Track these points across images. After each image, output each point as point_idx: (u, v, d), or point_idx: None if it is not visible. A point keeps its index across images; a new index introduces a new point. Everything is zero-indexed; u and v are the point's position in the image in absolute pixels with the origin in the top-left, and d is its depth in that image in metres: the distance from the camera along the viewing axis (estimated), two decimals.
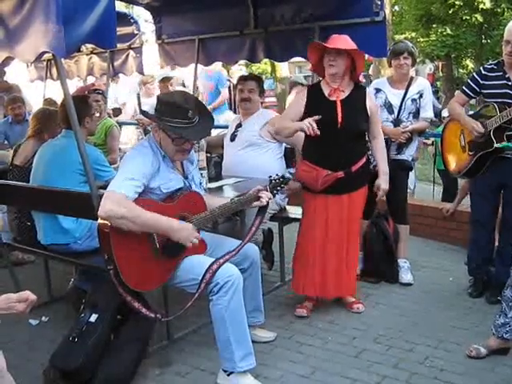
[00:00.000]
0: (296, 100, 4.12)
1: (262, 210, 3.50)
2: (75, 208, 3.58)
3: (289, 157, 4.82)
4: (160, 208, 3.07)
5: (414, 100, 4.58)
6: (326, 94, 3.92)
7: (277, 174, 3.63)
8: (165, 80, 7.51)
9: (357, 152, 3.96)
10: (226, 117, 7.83)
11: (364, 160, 4.01)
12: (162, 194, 3.18)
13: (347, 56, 3.82)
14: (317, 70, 4.12)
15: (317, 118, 3.69)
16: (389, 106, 4.60)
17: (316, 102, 3.94)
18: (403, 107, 4.57)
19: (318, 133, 3.67)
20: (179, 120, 3.12)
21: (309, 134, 3.71)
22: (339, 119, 3.83)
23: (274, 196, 3.51)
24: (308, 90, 4.08)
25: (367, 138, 4.12)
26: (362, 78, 6.88)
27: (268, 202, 3.45)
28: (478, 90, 4.16)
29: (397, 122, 4.57)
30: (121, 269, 2.95)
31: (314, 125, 3.68)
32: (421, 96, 4.60)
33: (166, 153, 3.21)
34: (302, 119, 3.89)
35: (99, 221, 2.99)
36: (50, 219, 3.83)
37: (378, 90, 4.69)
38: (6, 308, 2.34)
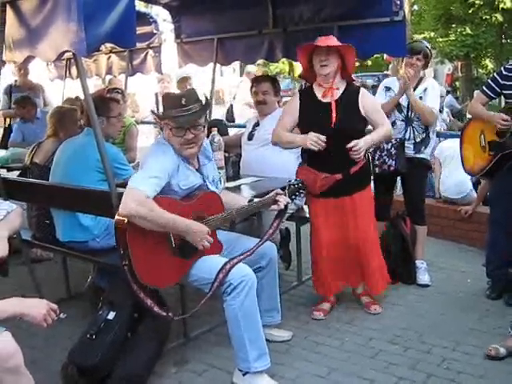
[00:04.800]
0: (289, 107, 4.07)
1: (281, 213, 3.50)
2: (94, 206, 3.60)
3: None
4: (178, 207, 3.09)
5: (420, 98, 4.54)
6: (319, 97, 3.91)
7: (295, 179, 3.63)
8: (183, 80, 7.53)
9: (352, 154, 3.93)
10: None
11: (363, 161, 3.97)
12: (181, 190, 3.19)
13: (337, 54, 3.81)
14: (306, 76, 4.11)
15: (322, 138, 3.73)
16: (398, 105, 4.58)
17: (309, 105, 3.93)
18: (410, 106, 4.54)
19: (325, 146, 3.72)
20: (173, 109, 3.14)
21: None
22: (333, 120, 3.81)
23: (291, 201, 3.51)
24: (300, 94, 4.07)
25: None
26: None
27: (286, 206, 3.45)
28: (498, 90, 4.12)
29: (408, 121, 4.54)
30: (135, 264, 2.97)
31: (322, 138, 3.72)
32: (425, 91, 4.57)
33: (175, 149, 3.21)
34: (298, 125, 3.94)
35: (116, 216, 3.01)
36: (69, 217, 3.86)
37: (387, 89, 4.69)
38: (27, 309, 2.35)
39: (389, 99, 4.59)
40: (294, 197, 3.55)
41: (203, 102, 3.27)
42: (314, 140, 3.74)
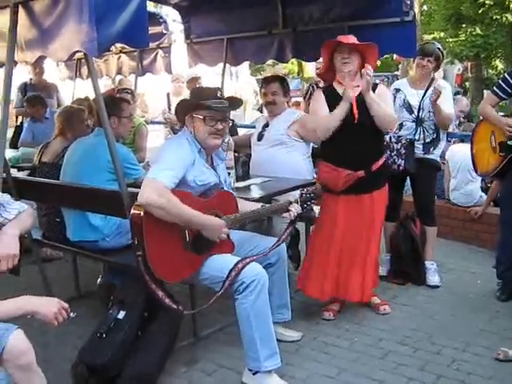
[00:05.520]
0: (318, 104, 4.03)
1: (293, 220, 3.52)
2: (104, 205, 3.62)
3: (317, 156, 4.79)
4: (194, 202, 3.11)
5: (429, 99, 4.53)
6: (341, 93, 3.91)
7: (307, 189, 3.66)
8: (193, 80, 7.54)
9: (376, 150, 3.95)
10: None
11: (383, 159, 4.02)
12: (197, 186, 3.22)
13: (358, 53, 3.83)
14: (323, 75, 4.14)
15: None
16: (408, 106, 4.59)
17: (332, 102, 3.92)
18: (421, 106, 4.54)
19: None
20: (209, 99, 3.24)
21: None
22: (355, 115, 3.82)
23: (303, 210, 3.52)
24: (323, 91, 4.07)
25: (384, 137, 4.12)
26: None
27: (298, 215, 3.47)
28: (509, 91, 4.11)
29: (418, 122, 4.54)
30: (149, 255, 2.98)
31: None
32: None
33: (200, 140, 3.27)
34: None
35: (133, 207, 3.03)
36: (79, 216, 3.88)
37: (397, 90, 4.71)
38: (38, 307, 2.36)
39: (399, 102, 4.59)
40: (305, 206, 3.57)
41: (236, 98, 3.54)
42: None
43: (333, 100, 3.92)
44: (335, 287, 4.05)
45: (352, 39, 3.85)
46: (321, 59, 5.48)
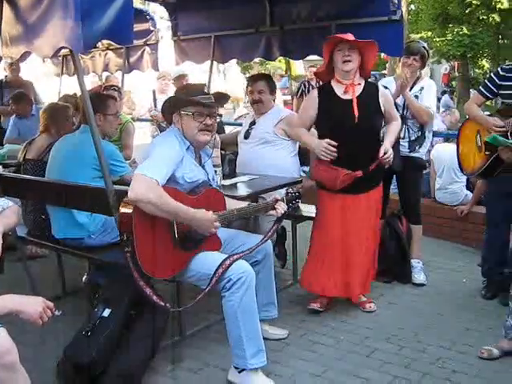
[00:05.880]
0: (308, 104, 4.06)
1: (279, 218, 3.52)
2: (90, 203, 3.60)
3: (303, 154, 4.80)
4: (184, 199, 3.10)
5: (416, 97, 4.55)
6: (339, 94, 3.91)
7: (293, 188, 3.68)
8: (180, 77, 7.52)
9: (373, 150, 3.93)
10: None
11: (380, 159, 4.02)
12: (186, 183, 3.21)
13: (358, 51, 3.83)
14: (321, 74, 4.11)
15: (333, 143, 3.78)
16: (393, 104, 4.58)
17: (329, 102, 3.92)
18: (406, 105, 4.54)
19: (336, 155, 3.79)
20: (197, 95, 3.25)
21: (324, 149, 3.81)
22: (355, 116, 3.82)
23: (288, 209, 3.52)
24: (318, 91, 4.06)
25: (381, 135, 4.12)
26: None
27: (285, 212, 3.47)
28: (495, 90, 4.12)
29: (403, 120, 4.52)
30: (138, 251, 2.96)
31: (331, 148, 3.78)
32: (421, 91, 4.58)
33: (189, 137, 3.26)
34: (315, 121, 3.96)
35: (121, 209, 3.03)
36: (64, 213, 3.85)
37: (384, 88, 4.67)
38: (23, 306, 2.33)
39: None
40: (290, 205, 3.57)
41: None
42: (324, 147, 3.79)
43: (328, 99, 3.92)
44: (338, 286, 4.08)
45: (351, 37, 3.83)
46: (310, 57, 5.53)
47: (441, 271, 4.99)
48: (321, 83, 4.25)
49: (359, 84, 3.91)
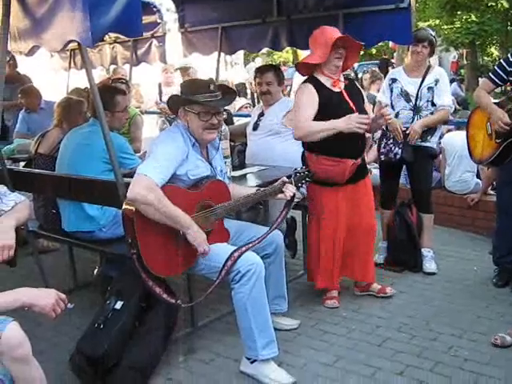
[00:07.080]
0: (309, 99, 3.92)
1: (289, 202, 3.50)
2: (100, 196, 3.60)
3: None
4: (185, 195, 3.10)
5: (430, 88, 4.52)
6: (329, 86, 3.93)
7: (302, 167, 3.62)
8: (183, 69, 7.52)
9: (363, 137, 3.98)
10: None
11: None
12: (189, 180, 3.19)
13: (344, 48, 3.88)
14: (304, 66, 4.06)
15: (365, 117, 3.77)
16: (405, 95, 4.57)
17: (325, 94, 3.91)
18: (419, 95, 4.52)
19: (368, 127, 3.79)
20: (202, 93, 3.17)
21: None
22: (353, 106, 3.87)
23: (298, 189, 3.50)
24: (312, 85, 3.95)
25: None
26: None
27: (294, 195, 3.45)
28: (505, 77, 4.09)
29: (416, 110, 4.53)
30: (143, 253, 2.97)
31: (364, 117, 3.76)
32: (436, 83, 4.54)
33: (194, 134, 3.23)
34: (315, 116, 3.87)
35: (124, 204, 3.02)
36: (75, 207, 3.87)
37: (393, 80, 4.67)
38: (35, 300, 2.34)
39: (396, 91, 4.59)
40: (300, 185, 3.55)
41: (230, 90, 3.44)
42: (359, 121, 3.73)
43: (324, 92, 3.90)
44: (342, 270, 4.12)
45: (338, 31, 3.93)
46: None
47: (452, 260, 4.97)
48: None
49: (341, 80, 3.98)
